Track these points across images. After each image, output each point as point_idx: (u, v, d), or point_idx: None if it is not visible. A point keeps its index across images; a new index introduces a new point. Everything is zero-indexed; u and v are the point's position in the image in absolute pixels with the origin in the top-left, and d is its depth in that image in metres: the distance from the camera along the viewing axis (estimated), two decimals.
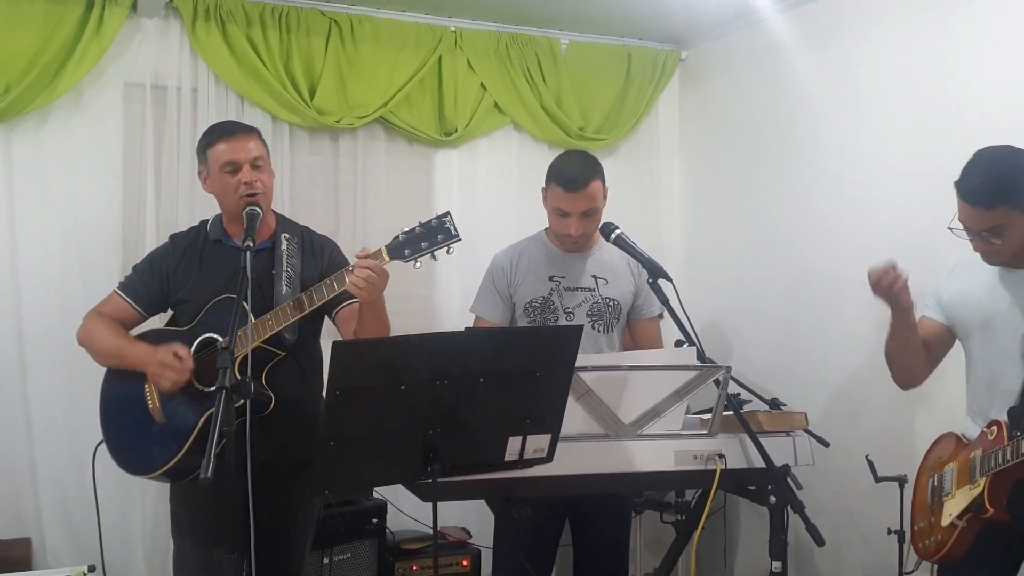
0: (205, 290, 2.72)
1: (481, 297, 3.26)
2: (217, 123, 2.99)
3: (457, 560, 3.87)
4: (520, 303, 3.18)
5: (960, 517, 2.51)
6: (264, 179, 2.74)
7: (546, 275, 3.18)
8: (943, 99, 3.42)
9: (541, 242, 3.25)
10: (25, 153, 3.61)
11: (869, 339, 3.69)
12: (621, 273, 3.21)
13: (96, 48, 3.60)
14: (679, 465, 2.69)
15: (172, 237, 2.95)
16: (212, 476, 1.99)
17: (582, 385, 2.59)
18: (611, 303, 3.19)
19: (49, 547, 3.63)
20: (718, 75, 4.57)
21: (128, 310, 2.82)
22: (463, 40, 4.24)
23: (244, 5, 3.83)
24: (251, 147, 2.74)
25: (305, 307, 2.58)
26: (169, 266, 2.83)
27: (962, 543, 2.53)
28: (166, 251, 2.89)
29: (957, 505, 2.53)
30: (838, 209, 3.84)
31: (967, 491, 2.52)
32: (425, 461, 2.28)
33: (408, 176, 4.30)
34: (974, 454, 2.53)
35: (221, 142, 2.75)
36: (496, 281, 3.22)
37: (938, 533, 2.59)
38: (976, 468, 2.50)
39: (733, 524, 4.30)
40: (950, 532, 2.55)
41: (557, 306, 3.16)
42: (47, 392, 3.63)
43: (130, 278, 2.88)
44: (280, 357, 2.62)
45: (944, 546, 2.56)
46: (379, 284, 2.51)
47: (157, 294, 2.84)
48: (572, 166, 3.10)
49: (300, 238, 2.85)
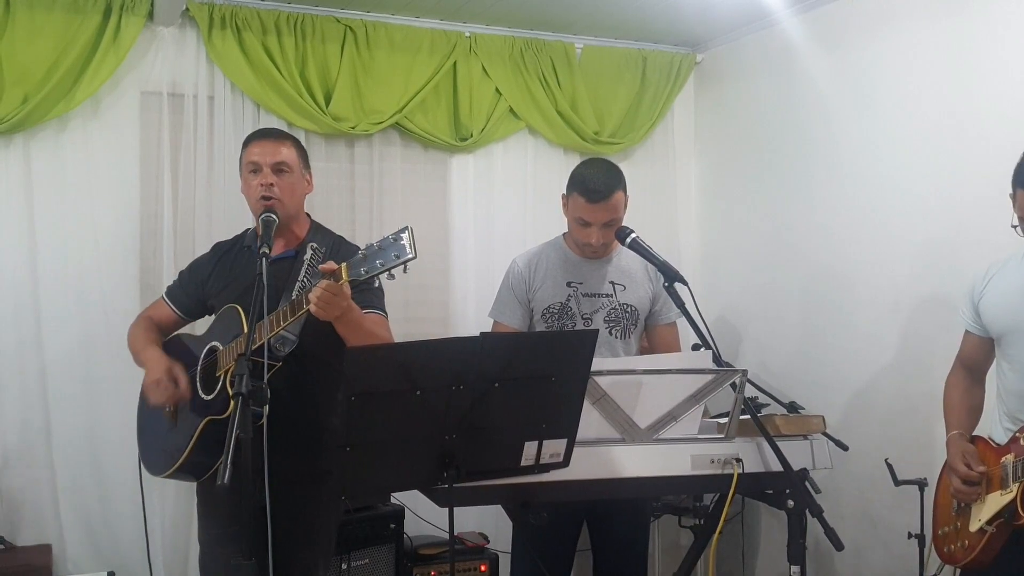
0: (231, 296, 2.75)
1: (499, 302, 3.25)
2: (262, 127, 2.99)
3: (475, 565, 3.86)
4: (538, 308, 3.17)
5: (990, 523, 2.47)
6: (285, 185, 2.73)
7: (564, 281, 3.17)
8: (959, 101, 3.40)
9: (559, 247, 3.24)
10: (44, 161, 3.64)
11: (886, 341, 3.67)
12: (639, 279, 3.20)
13: (113, 57, 3.63)
14: (696, 469, 2.68)
15: (215, 245, 2.99)
16: (229, 482, 1.99)
17: (598, 390, 2.59)
18: (629, 309, 3.18)
19: (69, 553, 3.65)
20: (733, 78, 4.56)
21: (170, 313, 2.94)
22: (478, 45, 4.25)
23: (260, 13, 3.85)
24: (280, 152, 2.74)
25: (282, 321, 2.49)
26: (204, 273, 2.89)
27: (990, 549, 2.49)
28: (206, 258, 2.95)
29: (988, 511, 2.50)
30: (854, 212, 3.82)
31: (998, 496, 2.48)
32: (441, 466, 2.28)
33: (424, 181, 4.31)
34: (1006, 459, 2.49)
35: (254, 143, 2.78)
36: (515, 286, 3.21)
37: (965, 538, 2.56)
38: (1009, 474, 2.46)
39: (751, 529, 4.28)
40: (979, 538, 2.51)
41: (575, 312, 3.15)
42: (67, 398, 3.65)
43: (175, 283, 2.99)
44: (277, 367, 2.54)
45: (972, 551, 2.53)
46: (332, 303, 2.38)
47: (195, 299, 2.92)
48: (595, 176, 3.05)
49: (330, 248, 2.80)
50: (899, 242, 3.62)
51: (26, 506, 3.63)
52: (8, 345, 3.61)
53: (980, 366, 2.77)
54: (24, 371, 3.63)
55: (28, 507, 3.64)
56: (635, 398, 2.66)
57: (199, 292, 2.89)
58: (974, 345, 2.75)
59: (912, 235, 3.56)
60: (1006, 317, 2.60)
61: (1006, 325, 2.60)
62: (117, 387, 3.58)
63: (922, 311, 3.55)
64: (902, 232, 3.60)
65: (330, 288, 2.36)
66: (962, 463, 2.59)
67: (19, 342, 3.62)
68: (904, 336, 3.63)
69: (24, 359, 3.63)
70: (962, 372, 2.82)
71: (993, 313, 2.64)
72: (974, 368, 2.79)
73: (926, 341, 3.49)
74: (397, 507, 3.80)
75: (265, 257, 2.42)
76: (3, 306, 3.60)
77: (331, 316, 2.42)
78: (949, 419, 2.77)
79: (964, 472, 2.57)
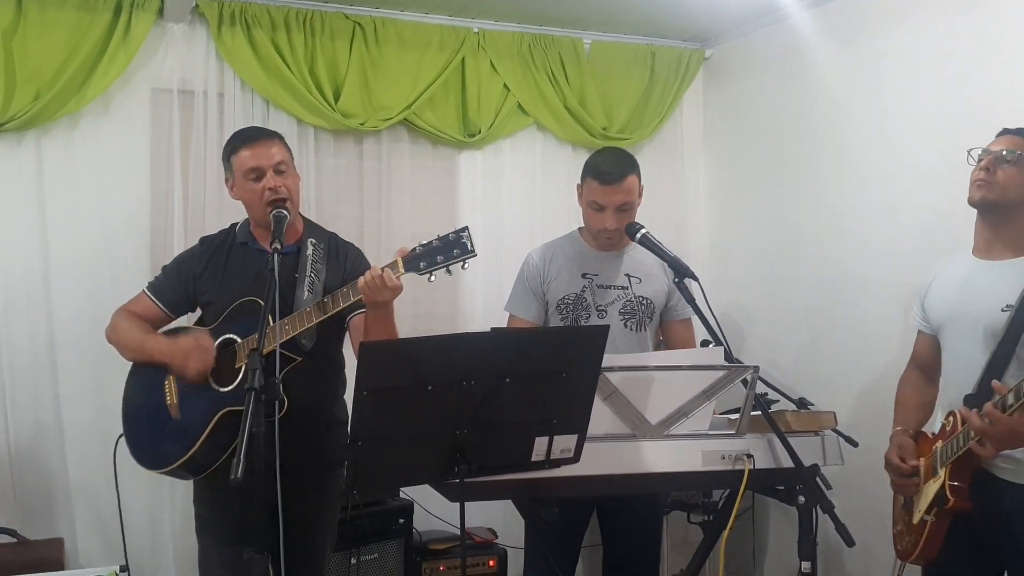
0: (229, 292, 2.76)
1: (515, 296, 3.26)
2: (239, 130, 3.00)
3: (484, 560, 3.87)
4: (553, 300, 3.18)
5: (928, 512, 2.50)
6: (288, 183, 2.75)
7: (579, 272, 3.17)
8: (970, 96, 3.38)
9: (575, 240, 3.26)
10: (55, 158, 3.65)
11: (896, 337, 3.66)
12: (655, 273, 3.20)
13: (124, 54, 3.64)
14: (707, 465, 2.68)
15: (201, 240, 2.98)
16: (241, 477, 2.00)
17: (609, 385, 2.59)
18: (644, 302, 3.17)
19: (81, 548, 3.68)
20: (742, 73, 4.55)
21: (154, 309, 2.88)
22: (486, 41, 4.25)
23: (269, 9, 3.86)
24: (274, 152, 2.76)
25: (322, 313, 2.58)
26: (195, 268, 2.87)
27: (934, 540, 2.51)
28: (193, 253, 2.93)
29: (924, 500, 2.53)
30: (864, 208, 3.81)
31: (931, 484, 2.51)
32: (452, 461, 2.28)
33: (432, 177, 4.31)
34: (935, 447, 2.53)
35: (244, 149, 2.77)
36: (530, 279, 3.22)
37: (912, 532, 2.58)
38: (937, 460, 2.50)
39: (762, 525, 4.28)
40: (920, 529, 2.54)
41: (589, 303, 3.15)
42: (78, 393, 3.67)
43: (158, 279, 2.94)
44: (297, 362, 2.61)
45: (917, 545, 2.55)
46: (384, 289, 2.49)
47: (182, 295, 2.88)
48: (608, 160, 3.10)
49: (326, 244, 2.85)
50: (909, 238, 3.61)
51: (38, 500, 3.66)
52: (20, 340, 3.63)
53: (932, 365, 2.78)
54: (36, 366, 3.65)
55: (40, 501, 3.66)
56: (646, 394, 2.66)
57: (188, 288, 2.86)
58: (925, 344, 2.79)
59: (922, 230, 3.54)
60: (944, 309, 2.64)
61: (944, 316, 2.63)
62: None
63: None
64: (912, 228, 3.59)
65: (388, 276, 2.47)
66: (896, 456, 2.64)
67: (31, 337, 3.64)
68: (913, 331, 3.61)
69: (36, 354, 3.65)
70: (914, 371, 2.86)
71: (934, 306, 2.68)
72: (926, 368, 2.81)
73: None
74: (406, 502, 3.81)
75: (277, 252, 2.46)
76: (15, 302, 3.62)
77: (377, 298, 2.51)
78: (896, 415, 2.81)
79: (896, 464, 2.63)
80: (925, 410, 2.79)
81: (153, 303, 2.88)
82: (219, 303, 2.77)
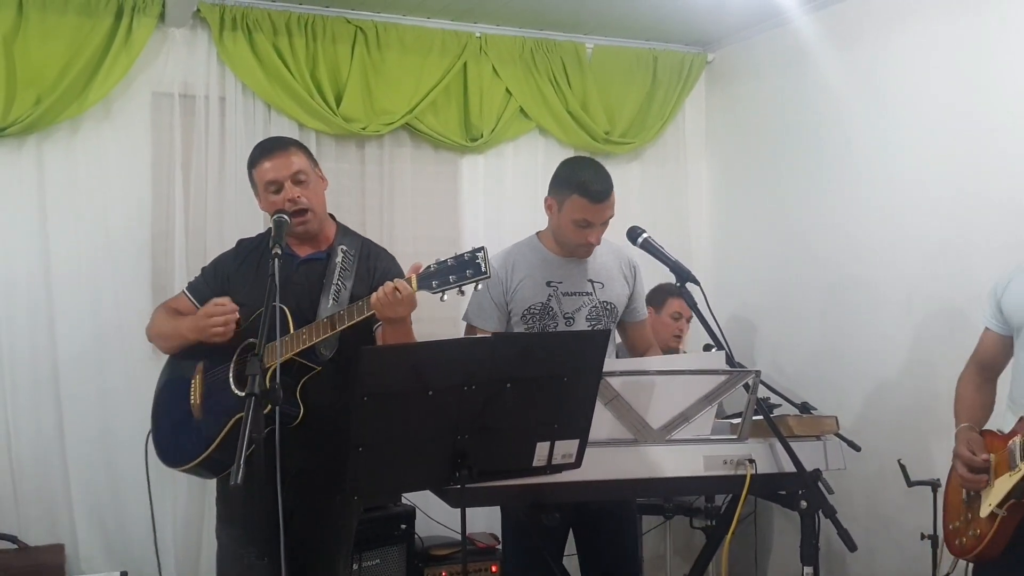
0: (257, 296, 2.74)
1: (475, 306, 3.13)
2: (261, 141, 2.97)
3: (486, 566, 3.86)
4: (517, 310, 3.08)
5: (1001, 505, 2.46)
6: (308, 193, 2.74)
7: (543, 280, 3.09)
8: (973, 99, 3.38)
9: (535, 247, 3.16)
10: (56, 163, 3.65)
11: (899, 342, 3.66)
12: (616, 276, 3.16)
13: (125, 58, 3.64)
14: (709, 470, 2.67)
15: (239, 242, 2.98)
16: (242, 482, 2.00)
17: (610, 390, 2.58)
18: (608, 306, 3.13)
19: (82, 553, 3.67)
20: (745, 77, 4.54)
21: (191, 308, 2.89)
22: (488, 46, 4.25)
23: (270, 14, 3.86)
24: (292, 162, 2.74)
25: (336, 326, 2.55)
26: (229, 270, 2.88)
27: (1002, 535, 2.48)
28: (229, 255, 2.94)
29: (997, 494, 2.48)
30: (867, 211, 3.81)
31: (1007, 478, 2.47)
32: (453, 467, 2.28)
33: (434, 182, 4.31)
34: (1013, 441, 2.49)
35: (263, 161, 2.77)
36: (491, 288, 3.07)
37: (976, 527, 2.54)
38: (1016, 453, 2.45)
39: (764, 529, 4.27)
40: (990, 524, 2.50)
41: (556, 312, 3.08)
42: (80, 398, 3.67)
43: (197, 279, 2.96)
44: (316, 371, 2.60)
45: (983, 539, 2.51)
46: (396, 303, 2.46)
47: (217, 295, 2.87)
48: (594, 177, 3.01)
49: (359, 250, 2.82)
50: (913, 242, 3.61)
51: (39, 506, 3.65)
52: (21, 346, 3.62)
53: (995, 365, 2.76)
54: (37, 371, 3.65)
55: (41, 507, 3.65)
56: (648, 399, 2.65)
57: (223, 287, 2.86)
58: (992, 342, 2.75)
59: (926, 235, 3.54)
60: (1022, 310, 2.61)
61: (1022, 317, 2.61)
62: (129, 387, 3.60)
63: (935, 312, 3.53)
64: (916, 232, 3.59)
65: (401, 288, 2.44)
66: (967, 449, 2.60)
67: (32, 343, 3.64)
68: (917, 337, 3.61)
69: (37, 359, 3.64)
70: (975, 370, 2.82)
71: (1014, 306, 2.64)
72: (988, 367, 2.79)
73: (939, 342, 3.47)
74: (408, 507, 3.80)
75: (277, 257, 2.43)
76: (16, 307, 3.62)
77: (390, 314, 2.49)
78: (959, 413, 2.77)
79: (968, 457, 2.58)
80: (987, 411, 2.76)
81: (190, 301, 2.91)
82: (248, 306, 2.76)
